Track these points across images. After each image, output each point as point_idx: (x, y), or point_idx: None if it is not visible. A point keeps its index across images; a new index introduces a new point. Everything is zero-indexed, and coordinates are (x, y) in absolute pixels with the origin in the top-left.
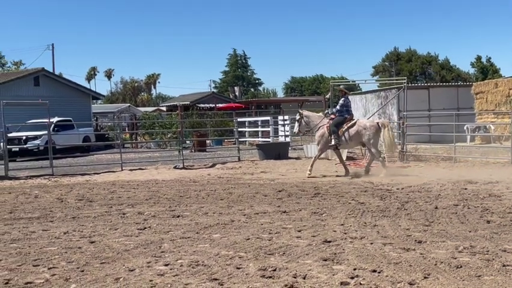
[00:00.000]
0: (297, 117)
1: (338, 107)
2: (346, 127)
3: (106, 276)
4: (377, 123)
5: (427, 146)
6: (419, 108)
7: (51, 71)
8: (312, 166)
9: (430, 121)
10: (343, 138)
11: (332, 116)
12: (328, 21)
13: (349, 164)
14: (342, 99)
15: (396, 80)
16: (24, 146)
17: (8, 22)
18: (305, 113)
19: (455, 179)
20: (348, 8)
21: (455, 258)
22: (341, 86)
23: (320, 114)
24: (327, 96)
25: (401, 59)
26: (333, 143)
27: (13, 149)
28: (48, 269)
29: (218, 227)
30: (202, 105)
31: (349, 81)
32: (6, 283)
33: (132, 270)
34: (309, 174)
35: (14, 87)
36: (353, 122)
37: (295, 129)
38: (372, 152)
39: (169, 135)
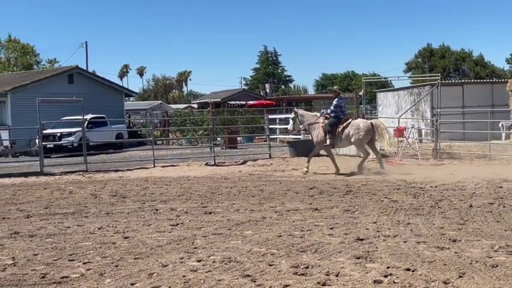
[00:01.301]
0: (292, 115)
1: (331, 107)
2: (342, 127)
3: (140, 271)
4: (371, 123)
5: (461, 143)
6: (453, 105)
7: (84, 68)
8: (308, 163)
9: (464, 118)
10: (340, 137)
11: (327, 116)
12: (360, 17)
13: None
14: (336, 100)
15: (430, 76)
16: (59, 142)
17: (43, 20)
18: (300, 112)
19: (490, 177)
20: (380, 4)
21: (491, 257)
22: (334, 87)
23: (315, 113)
24: (360, 93)
25: (434, 55)
26: (328, 142)
27: (48, 146)
28: (84, 263)
29: (250, 224)
30: (233, 102)
31: (381, 78)
32: (43, 277)
33: (165, 266)
34: (306, 171)
35: (49, 84)
36: (348, 122)
37: (290, 127)
38: (374, 151)
39: (200, 132)
